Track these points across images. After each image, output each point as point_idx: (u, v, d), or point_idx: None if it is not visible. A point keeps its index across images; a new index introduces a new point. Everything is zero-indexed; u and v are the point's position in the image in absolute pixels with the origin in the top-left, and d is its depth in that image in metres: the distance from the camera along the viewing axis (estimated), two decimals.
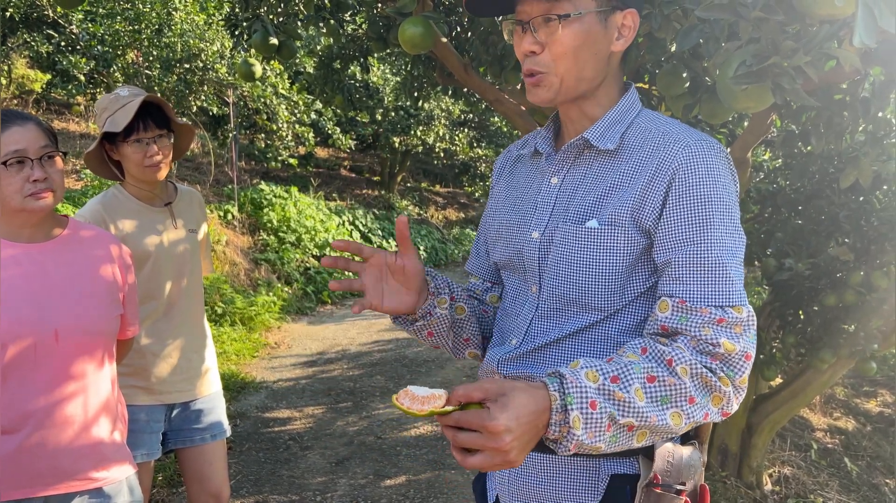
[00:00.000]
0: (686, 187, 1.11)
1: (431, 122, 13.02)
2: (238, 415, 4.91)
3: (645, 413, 1.01)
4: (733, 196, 1.14)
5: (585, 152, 1.24)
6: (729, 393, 1.07)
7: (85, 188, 7.06)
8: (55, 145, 1.66)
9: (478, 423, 0.95)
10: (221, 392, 2.45)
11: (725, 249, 1.10)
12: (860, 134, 2.67)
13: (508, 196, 1.37)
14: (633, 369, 1.04)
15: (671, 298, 1.11)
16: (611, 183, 1.18)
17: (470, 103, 6.09)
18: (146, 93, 2.14)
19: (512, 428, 0.94)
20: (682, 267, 1.11)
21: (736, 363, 1.07)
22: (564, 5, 1.14)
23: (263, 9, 3.05)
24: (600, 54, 1.18)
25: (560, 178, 1.26)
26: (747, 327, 1.08)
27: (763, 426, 4.17)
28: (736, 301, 1.08)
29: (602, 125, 1.21)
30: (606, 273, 1.16)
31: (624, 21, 1.18)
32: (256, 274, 8.26)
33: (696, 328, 1.07)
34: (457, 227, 14.82)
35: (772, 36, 1.16)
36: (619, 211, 1.15)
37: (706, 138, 1.15)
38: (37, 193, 1.59)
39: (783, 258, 3.67)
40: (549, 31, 1.15)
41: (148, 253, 2.17)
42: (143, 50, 7.85)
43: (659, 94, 2.68)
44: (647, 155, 1.16)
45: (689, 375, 1.05)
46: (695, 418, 1.06)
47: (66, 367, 1.61)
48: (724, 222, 1.11)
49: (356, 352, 6.67)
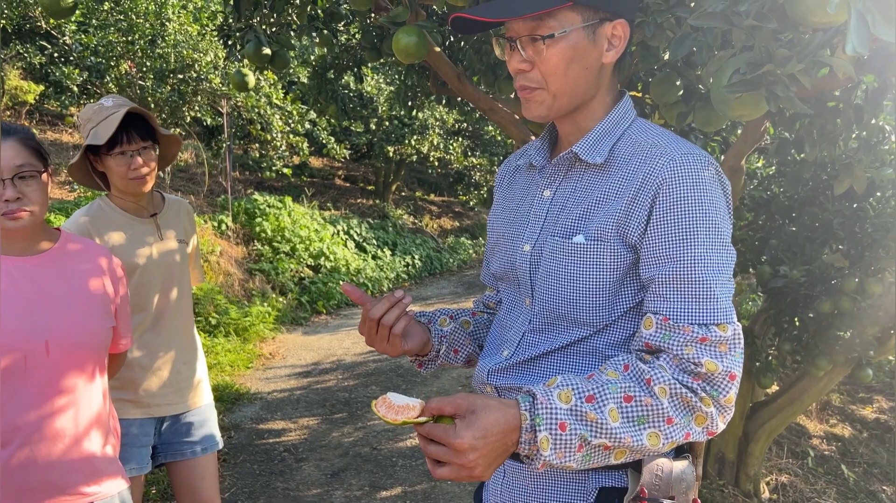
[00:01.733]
0: (670, 202, 1.09)
1: (425, 132, 13.03)
2: (232, 426, 4.87)
3: (619, 434, 1.01)
4: (721, 211, 1.11)
5: (576, 165, 1.24)
6: (712, 413, 1.05)
7: (78, 199, 7.04)
8: (43, 161, 1.64)
9: (444, 439, 0.99)
10: (213, 403, 2.42)
11: (710, 266, 1.07)
12: (853, 141, 2.67)
13: (505, 208, 1.38)
14: (610, 388, 1.03)
15: (655, 315, 1.09)
16: (598, 196, 1.17)
17: (464, 112, 6.09)
18: (131, 103, 2.11)
19: (477, 446, 0.97)
20: (665, 284, 1.09)
21: (719, 383, 1.05)
22: (549, 24, 1.12)
23: (256, 19, 3.04)
24: (591, 68, 1.17)
25: (552, 191, 1.25)
26: (733, 346, 1.06)
27: (760, 434, 4.16)
28: (721, 319, 1.06)
29: (591, 138, 1.20)
30: (594, 288, 1.16)
31: (614, 31, 1.16)
32: (251, 284, 8.23)
33: (679, 347, 1.06)
34: (451, 236, 14.81)
35: (765, 44, 1.16)
36: (605, 225, 1.14)
37: (694, 151, 1.13)
38: (9, 213, 1.56)
39: (778, 265, 3.67)
40: (537, 50, 1.15)
41: (135, 264, 2.15)
42: (137, 61, 7.84)
43: (652, 103, 2.68)
44: (635, 168, 1.14)
45: (667, 395, 1.04)
46: (674, 438, 1.05)
47: (57, 380, 1.59)
48: (709, 238, 1.08)
49: (351, 363, 6.64)
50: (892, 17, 0.89)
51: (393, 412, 1.04)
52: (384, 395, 1.08)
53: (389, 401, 1.06)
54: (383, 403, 1.06)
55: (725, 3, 1.17)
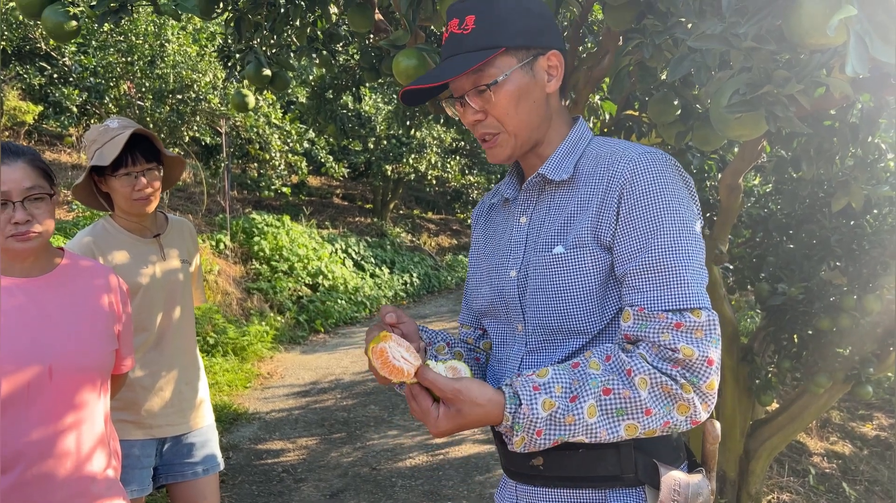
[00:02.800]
0: (635, 198, 1.14)
1: (423, 150, 13.09)
2: (231, 447, 4.84)
3: (595, 429, 1.08)
4: (685, 201, 1.16)
5: (546, 188, 1.28)
6: (693, 400, 1.08)
7: (76, 219, 7.04)
8: (49, 182, 1.64)
9: (424, 417, 1.12)
10: (214, 424, 2.41)
11: (679, 253, 1.11)
12: (850, 159, 2.69)
13: (487, 244, 1.41)
14: (591, 383, 1.08)
15: (632, 307, 1.13)
16: (572, 209, 1.22)
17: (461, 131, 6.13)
18: (136, 125, 2.13)
19: (451, 432, 1.11)
20: (637, 275, 1.12)
21: (698, 368, 1.07)
22: (490, 72, 1.20)
23: (256, 40, 3.07)
24: (538, 101, 1.24)
25: (528, 217, 1.30)
26: (709, 331, 1.09)
27: (761, 452, 4.14)
28: (694, 304, 1.09)
29: (555, 159, 1.26)
30: (580, 295, 1.18)
31: (549, 63, 1.23)
32: (249, 303, 8.22)
33: (655, 334, 1.09)
34: (449, 254, 14.82)
35: (764, 65, 1.18)
36: (582, 233, 1.18)
37: (650, 150, 1.18)
38: (18, 235, 1.57)
39: (776, 282, 3.68)
40: (485, 99, 1.21)
41: (138, 284, 2.15)
42: (136, 81, 7.89)
43: (650, 121, 2.70)
44: (599, 176, 1.19)
45: (647, 386, 1.07)
46: (651, 428, 1.09)
47: (60, 404, 1.59)
48: (675, 226, 1.12)
49: (350, 382, 6.61)
50: (890, 39, 0.91)
51: (387, 369, 1.09)
52: (384, 345, 1.11)
53: (387, 355, 1.10)
54: (380, 356, 1.10)
55: (724, 25, 1.19)
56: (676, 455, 1.20)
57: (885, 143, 2.78)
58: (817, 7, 0.99)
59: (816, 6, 0.99)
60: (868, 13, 0.92)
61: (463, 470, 4.55)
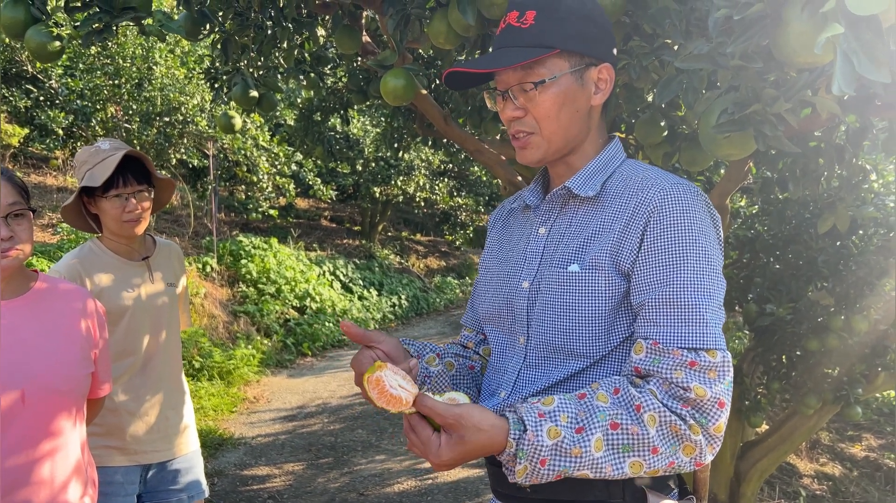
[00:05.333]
0: (661, 229, 1.11)
1: (412, 172, 13.11)
2: (216, 473, 4.76)
3: (601, 464, 1.04)
4: (711, 239, 1.13)
5: (570, 202, 1.26)
6: (700, 442, 1.05)
7: (61, 242, 6.97)
8: (26, 201, 1.63)
9: (425, 448, 1.06)
10: (199, 450, 2.37)
11: (700, 291, 1.08)
12: (835, 180, 2.71)
13: (501, 248, 1.39)
14: (598, 416, 1.05)
15: (645, 340, 1.10)
16: (593, 229, 1.19)
17: (450, 153, 6.15)
18: (127, 147, 2.12)
19: (454, 463, 1.05)
20: (655, 308, 1.10)
21: (708, 410, 1.04)
22: (539, 71, 1.17)
23: (244, 62, 3.06)
24: (581, 111, 1.21)
25: (547, 228, 1.27)
26: (722, 373, 1.06)
27: (751, 474, 4.12)
28: (710, 344, 1.06)
29: (584, 174, 1.23)
30: (589, 317, 1.16)
31: (600, 75, 1.21)
32: (235, 326, 8.14)
33: (668, 370, 1.06)
34: (438, 276, 14.79)
35: (752, 84, 1.18)
36: (600, 255, 1.15)
37: (683, 182, 1.16)
38: (2, 252, 1.55)
39: (764, 303, 3.69)
40: (529, 97, 1.19)
41: (124, 308, 2.12)
42: (123, 104, 7.87)
43: (637, 143, 2.71)
44: (627, 199, 1.17)
45: (656, 424, 1.04)
46: (657, 467, 1.06)
47: (33, 430, 1.55)
48: (699, 264, 1.10)
49: (337, 406, 6.54)
50: (877, 58, 0.91)
51: (384, 400, 1.06)
52: (379, 374, 1.07)
53: (383, 384, 1.06)
54: (377, 386, 1.06)
55: (711, 45, 1.19)
56: (665, 484, 1.18)
57: (870, 165, 2.81)
58: (804, 25, 0.99)
59: (804, 25, 0.99)
60: (855, 32, 0.92)
61: (452, 495, 4.49)
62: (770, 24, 1.07)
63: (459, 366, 1.42)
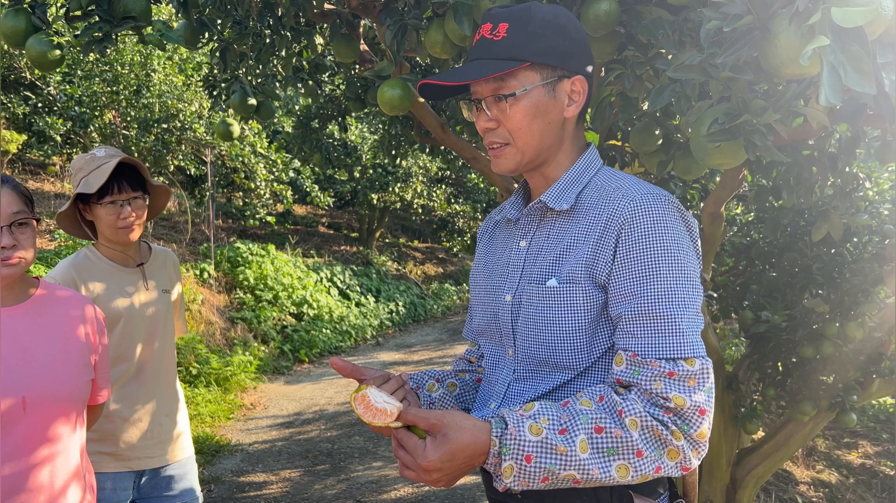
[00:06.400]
0: (633, 240, 1.12)
1: (409, 179, 13.13)
2: (212, 479, 4.75)
3: (587, 466, 1.04)
4: (684, 247, 1.14)
5: (547, 214, 1.28)
6: (683, 447, 1.06)
7: (58, 248, 6.97)
8: (30, 208, 1.64)
9: (412, 454, 1.06)
10: (194, 457, 2.37)
11: (675, 301, 1.09)
12: (829, 188, 2.73)
13: (487, 262, 1.41)
14: (582, 419, 1.07)
15: (625, 352, 1.11)
16: (568, 241, 1.20)
17: (447, 160, 6.16)
18: (123, 154, 2.13)
19: (443, 467, 1.05)
20: (632, 320, 1.11)
21: (689, 417, 1.06)
22: (511, 83, 1.19)
23: (242, 70, 3.08)
24: (554, 123, 1.23)
25: (528, 241, 1.29)
26: (702, 380, 1.07)
27: (748, 481, 4.12)
28: (688, 353, 1.08)
29: (558, 187, 1.25)
30: (570, 330, 1.17)
31: (573, 87, 1.22)
32: (232, 333, 8.13)
33: (647, 381, 1.08)
34: (435, 283, 14.80)
35: (742, 94, 1.19)
36: (576, 268, 1.17)
37: (654, 191, 1.16)
38: (5, 259, 1.56)
39: (760, 310, 3.70)
40: (501, 109, 1.21)
41: (119, 314, 2.13)
42: (121, 111, 7.88)
43: (632, 151, 2.73)
44: (600, 211, 1.18)
45: (638, 428, 1.05)
46: (644, 472, 1.06)
47: (34, 436, 1.55)
48: (672, 273, 1.10)
49: (334, 412, 6.54)
50: (863, 69, 0.93)
51: (370, 414, 1.09)
52: (364, 392, 1.11)
53: (369, 399, 1.10)
54: (362, 401, 1.10)
55: (702, 56, 1.21)
56: (653, 489, 1.19)
57: (863, 173, 2.83)
58: (791, 38, 1.01)
59: (791, 37, 1.01)
60: (841, 44, 0.93)
61: (448, 502, 4.49)
62: (759, 35, 1.09)
63: (463, 385, 1.44)
